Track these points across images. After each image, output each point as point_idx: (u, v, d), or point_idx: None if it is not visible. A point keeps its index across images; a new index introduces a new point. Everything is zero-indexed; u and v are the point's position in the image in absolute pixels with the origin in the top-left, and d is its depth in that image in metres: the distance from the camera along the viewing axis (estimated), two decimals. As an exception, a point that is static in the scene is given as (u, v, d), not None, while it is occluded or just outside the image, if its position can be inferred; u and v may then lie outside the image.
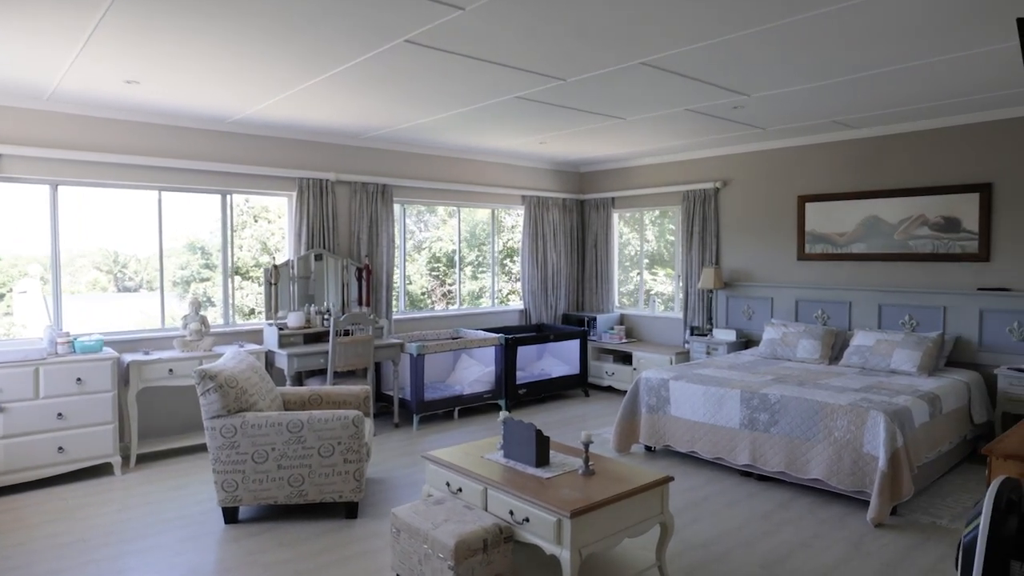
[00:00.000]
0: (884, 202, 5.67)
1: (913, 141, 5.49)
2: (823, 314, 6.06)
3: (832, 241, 6.04)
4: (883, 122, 5.45)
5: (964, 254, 5.23)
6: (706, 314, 6.94)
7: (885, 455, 3.90)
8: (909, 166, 5.53)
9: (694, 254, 7.06)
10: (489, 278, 7.80)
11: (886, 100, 4.68)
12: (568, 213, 8.19)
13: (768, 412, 4.50)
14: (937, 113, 5.10)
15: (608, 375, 7.45)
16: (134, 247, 5.76)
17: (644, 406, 5.24)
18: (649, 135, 6.09)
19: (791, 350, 5.75)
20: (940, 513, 4.03)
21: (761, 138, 6.20)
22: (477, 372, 6.67)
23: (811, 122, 5.47)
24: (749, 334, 6.62)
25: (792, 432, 4.37)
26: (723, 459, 4.75)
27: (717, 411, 4.78)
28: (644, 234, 7.89)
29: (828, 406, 4.24)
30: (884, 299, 5.65)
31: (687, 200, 7.10)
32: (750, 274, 6.68)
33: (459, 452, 3.60)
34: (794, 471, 4.35)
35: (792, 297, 6.28)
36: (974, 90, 4.38)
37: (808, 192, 6.19)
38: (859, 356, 5.34)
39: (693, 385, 4.95)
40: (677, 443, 5.00)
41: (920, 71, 3.98)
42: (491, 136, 6.18)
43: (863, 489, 4.04)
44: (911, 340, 5.13)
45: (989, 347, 5.09)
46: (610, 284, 8.05)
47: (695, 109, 5.04)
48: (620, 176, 7.89)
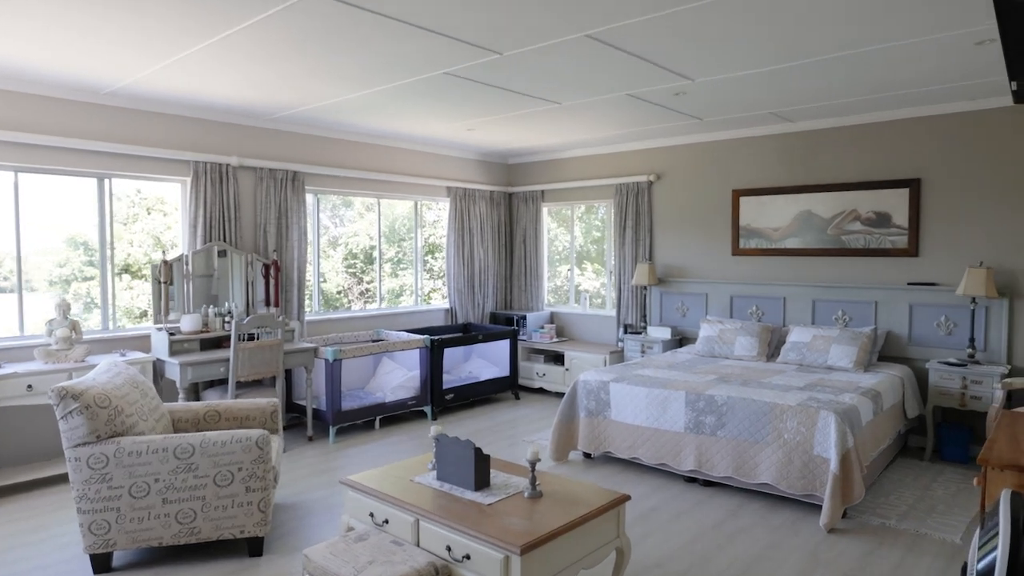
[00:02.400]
0: (818, 197, 5.60)
1: (846, 135, 5.44)
2: (758, 310, 5.94)
3: (766, 236, 5.93)
4: (818, 116, 5.37)
5: (895, 249, 5.22)
6: (640, 311, 6.72)
7: (836, 457, 3.72)
8: (842, 161, 5.48)
9: (627, 249, 6.82)
10: (411, 275, 7.28)
11: (825, 91, 4.55)
12: (496, 207, 7.79)
13: (715, 414, 4.27)
14: (870, 108, 5.04)
15: (539, 376, 7.11)
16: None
17: (583, 410, 4.92)
18: (585, 123, 5.77)
19: (729, 347, 5.59)
20: (887, 513, 3.90)
21: (697, 130, 6.02)
22: (400, 377, 6.16)
23: (748, 113, 5.31)
24: (684, 331, 6.44)
25: (740, 435, 4.15)
26: (667, 465, 4.48)
27: (661, 414, 4.51)
28: (574, 229, 7.60)
29: (777, 407, 4.04)
30: (818, 294, 5.58)
31: (620, 194, 6.85)
32: (684, 270, 6.51)
33: (384, 475, 3.12)
34: (742, 476, 4.13)
35: (727, 293, 6.14)
36: (914, 83, 4.31)
37: (743, 186, 6.06)
38: (796, 352, 5.23)
39: (635, 387, 4.67)
40: (618, 449, 4.70)
41: (867, 58, 3.83)
42: (415, 120, 5.68)
43: (813, 492, 3.86)
44: (846, 335, 5.06)
45: (918, 341, 5.09)
46: (540, 281, 7.71)
47: (636, 95, 4.75)
48: (550, 168, 7.57)
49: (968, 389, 4.60)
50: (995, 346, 4.74)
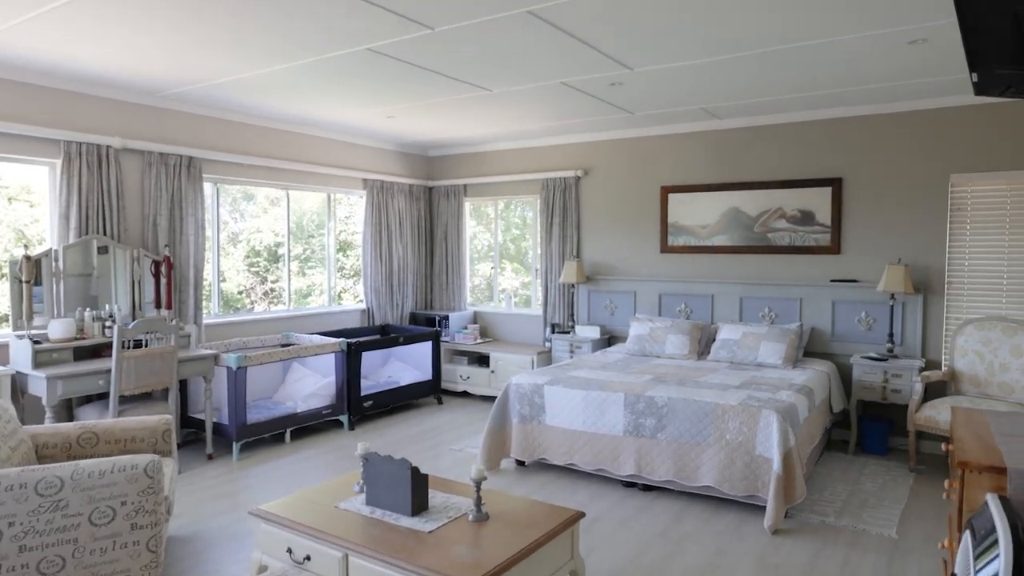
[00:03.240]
0: (745, 195, 5.60)
1: (772, 134, 5.47)
2: (686, 308, 5.89)
3: (695, 233, 5.89)
4: (746, 113, 5.36)
5: (818, 247, 5.28)
6: (568, 310, 6.53)
7: (779, 457, 3.64)
8: (768, 159, 5.50)
9: (554, 247, 6.62)
10: (321, 274, 6.75)
11: (756, 87, 4.50)
12: (416, 201, 7.38)
13: (655, 416, 4.10)
14: (795, 107, 5.07)
15: (463, 379, 6.78)
16: None
17: (516, 415, 4.64)
18: (514, 114, 5.49)
19: (660, 346, 5.48)
20: (825, 510, 3.87)
21: (627, 125, 5.89)
22: (313, 384, 5.65)
23: (680, 108, 5.22)
24: (612, 330, 6.31)
25: (681, 437, 4.01)
26: (605, 470, 4.28)
27: (599, 418, 4.31)
28: (499, 225, 7.32)
29: (719, 407, 3.92)
30: (745, 292, 5.58)
31: (546, 189, 6.64)
32: (612, 268, 6.38)
33: (302, 501, 2.70)
34: (683, 479, 3.98)
35: (655, 291, 6.05)
36: (846, 82, 4.32)
37: (672, 183, 5.99)
38: (727, 350, 5.19)
39: (571, 390, 4.44)
40: (554, 455, 4.46)
41: (801, 54, 3.77)
42: (331, 104, 5.20)
43: (755, 493, 3.77)
44: (775, 333, 5.06)
45: (840, 337, 5.17)
46: (462, 280, 7.38)
47: (571, 84, 4.52)
48: (474, 162, 7.25)
49: (889, 383, 4.69)
50: (911, 340, 4.88)
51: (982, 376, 4.46)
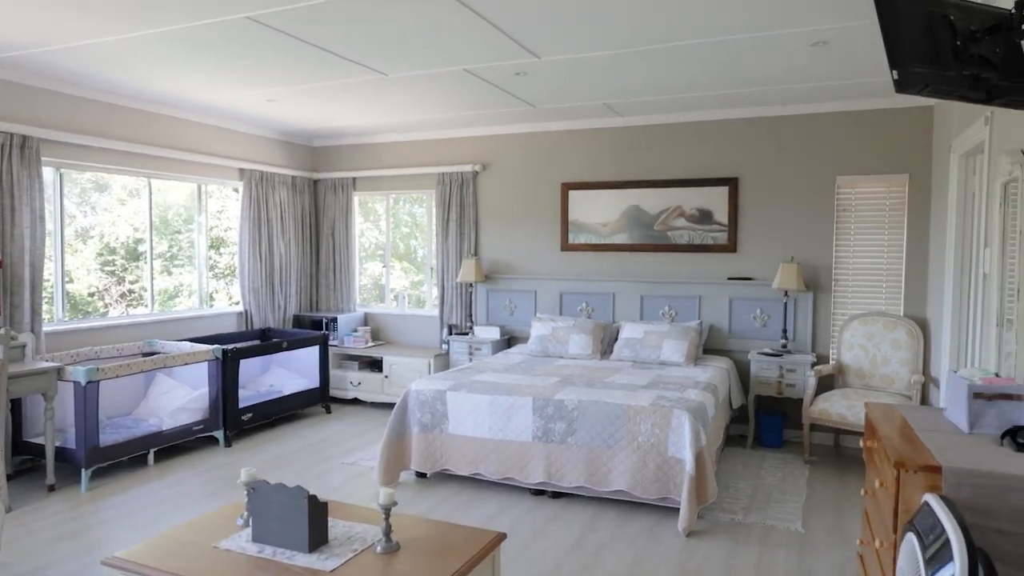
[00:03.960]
0: (645, 192, 5.60)
1: (672, 132, 5.50)
2: (588, 307, 5.81)
3: (596, 231, 5.82)
4: (647, 111, 5.35)
5: (716, 245, 5.37)
6: (466, 310, 6.27)
7: (692, 457, 3.58)
8: (669, 157, 5.53)
9: (451, 244, 6.33)
10: (191, 273, 6.05)
11: (660, 84, 4.46)
12: (299, 194, 6.82)
13: (565, 421, 3.93)
14: (694, 106, 5.12)
15: (353, 386, 6.32)
16: None
17: (416, 424, 4.31)
18: (410, 102, 5.14)
19: (563, 346, 5.35)
20: (732, 508, 3.87)
21: (529, 118, 5.71)
22: (182, 397, 5.01)
23: (583, 103, 5.11)
24: (513, 331, 6.12)
25: (593, 441, 3.86)
26: (513, 479, 4.06)
27: (506, 424, 4.08)
28: (391, 221, 6.92)
29: (630, 408, 3.82)
30: (646, 290, 5.58)
31: (443, 184, 6.33)
32: (512, 266, 6.19)
33: (172, 542, 2.25)
34: (595, 484, 3.84)
35: (556, 290, 5.93)
36: (748, 82, 4.37)
37: (572, 180, 5.89)
38: (630, 349, 5.15)
39: (476, 395, 4.18)
40: (458, 465, 4.18)
41: (709, 50, 3.74)
42: (203, 81, 4.61)
43: (668, 495, 3.69)
44: (677, 331, 5.08)
45: (737, 334, 5.28)
46: (352, 279, 6.90)
47: (474, 71, 4.26)
48: (364, 153, 6.80)
49: (784, 378, 4.83)
50: (803, 336, 5.06)
51: (866, 369, 4.69)
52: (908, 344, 4.55)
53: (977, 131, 3.32)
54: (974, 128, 3.40)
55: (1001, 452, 2.06)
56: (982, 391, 2.23)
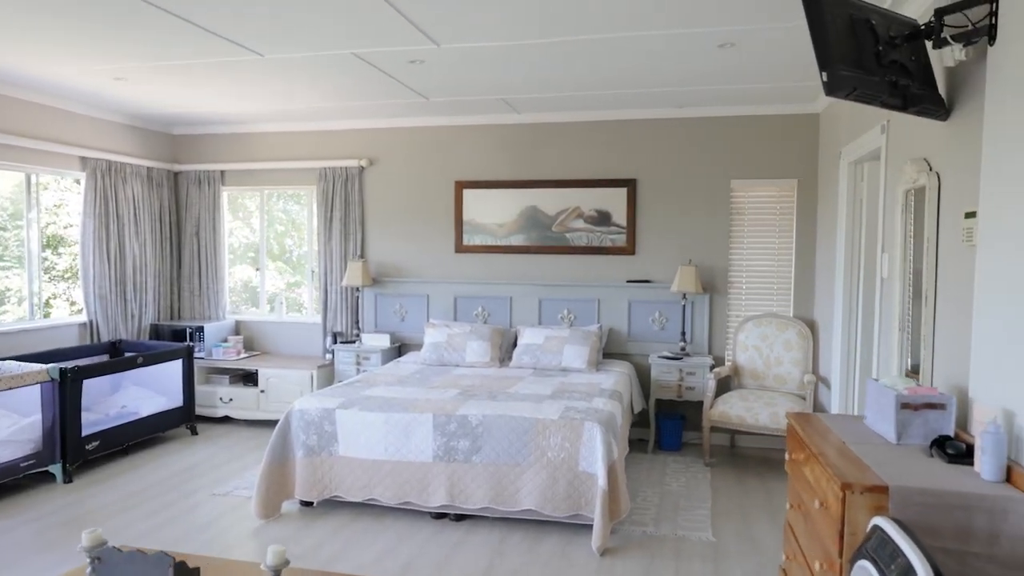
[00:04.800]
0: (543, 192, 5.42)
1: (570, 131, 5.36)
2: (484, 311, 5.55)
3: (491, 232, 5.57)
4: (546, 109, 5.17)
5: (614, 247, 5.30)
6: (352, 316, 5.80)
7: (604, 471, 3.42)
8: (567, 157, 5.38)
9: (334, 245, 5.83)
10: (22, 277, 5.13)
11: (563, 80, 4.28)
12: (157, 188, 6.01)
13: (469, 438, 3.64)
14: (593, 105, 5.01)
15: (224, 402, 5.66)
16: None
17: (300, 448, 3.85)
18: (290, 88, 4.62)
19: (459, 354, 5.05)
20: (642, 519, 3.76)
21: (421, 112, 5.35)
22: (5, 429, 4.18)
23: (480, 97, 4.83)
24: (404, 337, 5.73)
25: (499, 458, 3.60)
26: (412, 503, 3.72)
27: (404, 443, 3.72)
28: (265, 219, 6.28)
29: (539, 422, 3.59)
30: (544, 293, 5.41)
31: (325, 180, 5.82)
32: (402, 269, 5.80)
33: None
34: (502, 504, 3.58)
35: (450, 294, 5.61)
36: (652, 82, 4.29)
37: (467, 178, 5.60)
38: (530, 355, 4.95)
39: (370, 413, 3.79)
40: (349, 491, 3.77)
41: (614, 46, 3.59)
42: (33, 51, 3.84)
43: (579, 512, 3.51)
44: (577, 335, 4.94)
45: (636, 337, 5.24)
46: (220, 284, 6.19)
47: (365, 56, 3.86)
48: (235, 144, 6.11)
49: (684, 381, 4.83)
50: (700, 338, 5.09)
51: (760, 369, 4.79)
52: (799, 345, 4.69)
53: (872, 139, 3.41)
54: (868, 136, 3.49)
55: (934, 464, 2.02)
56: (909, 401, 2.20)
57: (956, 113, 2.41)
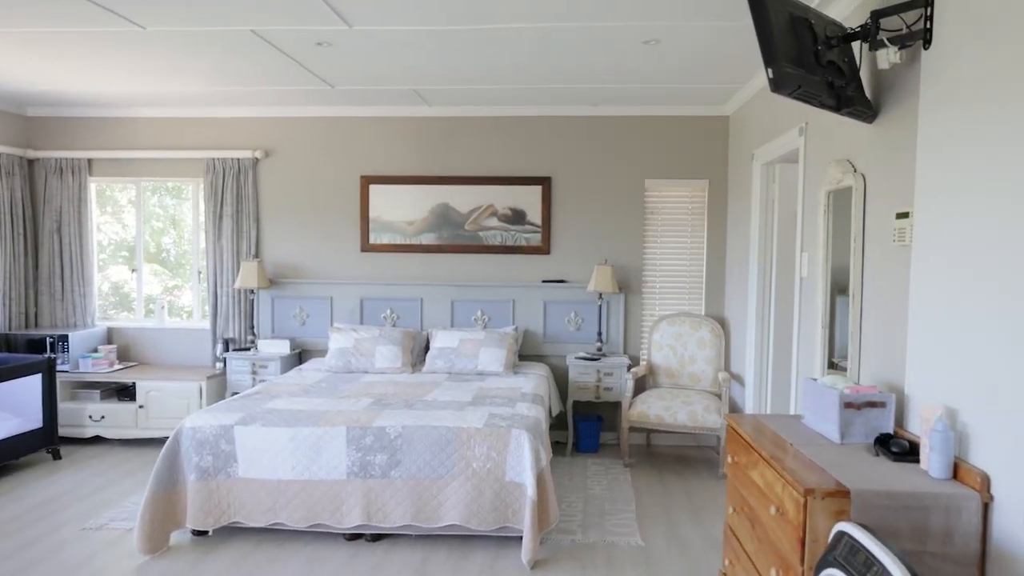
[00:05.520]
0: (455, 189, 5.21)
1: (483, 127, 5.18)
2: (392, 314, 5.26)
3: (401, 230, 5.28)
4: (458, 102, 4.96)
5: (529, 246, 5.18)
6: (246, 321, 5.31)
7: (533, 480, 3.27)
8: (480, 153, 5.20)
9: (225, 244, 5.31)
10: None
11: (479, 72, 4.10)
12: (8, 177, 5.22)
13: (387, 451, 3.38)
14: (508, 100, 4.85)
15: (94, 420, 5.00)
16: None
17: (193, 471, 3.42)
18: (173, 67, 4.11)
19: (368, 360, 4.74)
20: (569, 526, 3.66)
21: (324, 100, 4.96)
22: None
23: (389, 87, 4.55)
24: (305, 343, 5.32)
25: (420, 472, 3.37)
26: (324, 524, 3.40)
27: (314, 460, 3.40)
28: (142, 215, 5.63)
29: (463, 432, 3.39)
30: (457, 294, 5.19)
31: (214, 172, 5.29)
32: (303, 269, 5.38)
33: None
34: (424, 521, 3.35)
35: (356, 295, 5.27)
36: (573, 78, 4.18)
37: (374, 173, 5.28)
38: (444, 359, 4.72)
39: (275, 429, 3.43)
40: (251, 516, 3.40)
41: (540, 38, 3.46)
42: None
43: (506, 524, 3.34)
44: (493, 338, 4.78)
45: (552, 338, 5.15)
46: (87, 286, 5.47)
47: (265, 34, 3.48)
48: (105, 128, 5.43)
49: (602, 381, 4.79)
50: (615, 338, 5.08)
51: (675, 368, 4.84)
52: (712, 343, 4.78)
53: (790, 140, 3.48)
54: (785, 138, 3.56)
55: (882, 464, 2.03)
56: (852, 400, 2.20)
57: (883, 115, 2.46)
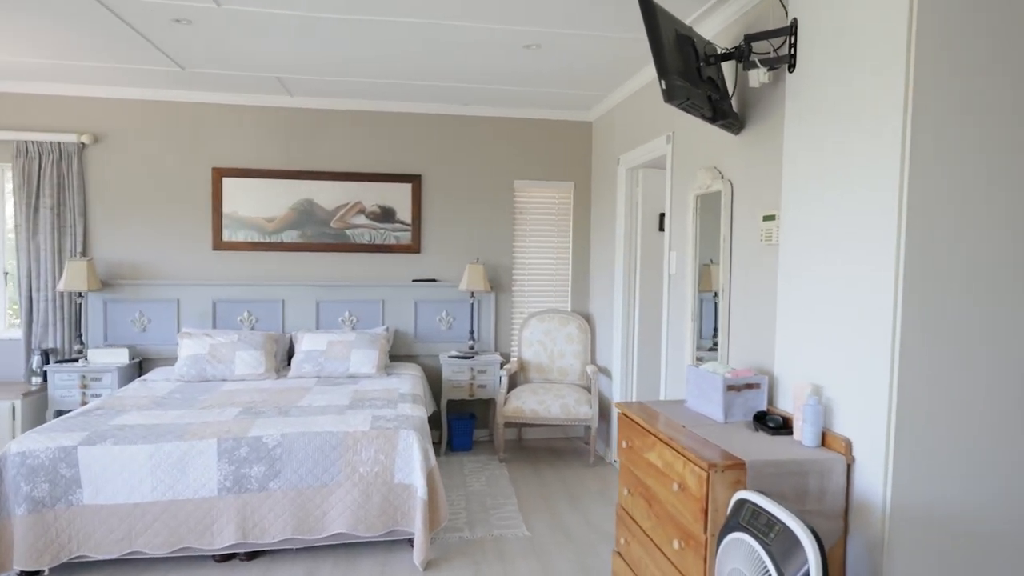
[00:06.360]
0: (320, 185, 4.97)
1: (350, 121, 5.00)
2: (251, 316, 4.90)
3: (260, 227, 4.94)
4: (324, 93, 4.74)
5: (399, 245, 5.09)
6: (72, 329, 4.67)
7: (423, 480, 3.23)
8: (347, 148, 5.01)
9: (42, 240, 4.63)
10: None
11: (352, 63, 3.96)
12: None
13: (265, 462, 3.16)
14: (377, 95, 4.73)
15: None
16: None
17: (22, 503, 2.96)
18: (-21, 28, 3.51)
19: (227, 366, 4.38)
20: (456, 524, 3.67)
21: (171, 82, 4.49)
22: None
23: (249, 74, 4.24)
24: (146, 352, 4.79)
25: (302, 481, 3.19)
26: (191, 548, 3.10)
27: (179, 479, 3.09)
28: (-71, 205, 4.73)
29: (349, 436, 3.27)
30: (323, 295, 4.97)
31: (26, 157, 4.58)
32: (142, 269, 4.84)
33: None
34: (306, 532, 3.18)
35: (208, 297, 4.85)
36: (453, 77, 4.17)
37: (228, 165, 4.88)
38: (312, 363, 4.50)
39: (130, 446, 3.07)
40: (100, 547, 3.01)
41: (423, 34, 3.43)
42: None
43: (396, 528, 3.27)
44: (365, 339, 4.64)
45: (423, 338, 5.11)
46: None
47: (113, 5, 3.08)
48: None
49: (476, 379, 4.83)
50: (486, 336, 5.15)
51: (545, 363, 5.01)
52: (579, 338, 5.02)
53: (657, 147, 3.77)
54: (652, 144, 3.85)
55: (762, 437, 2.27)
56: (733, 383, 2.44)
57: (750, 128, 2.76)
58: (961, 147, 1.90)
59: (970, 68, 1.89)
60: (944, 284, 1.92)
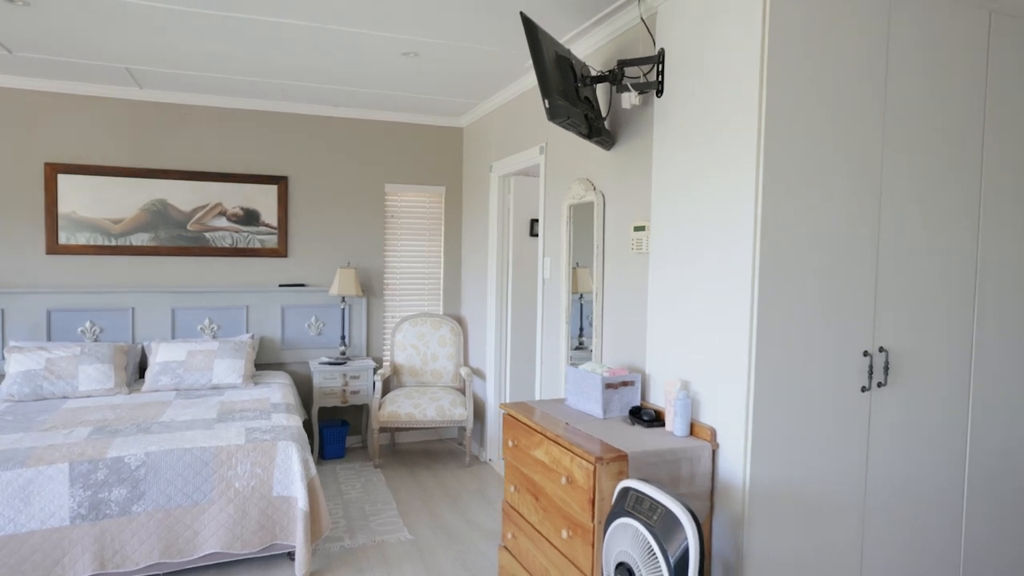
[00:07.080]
0: (175, 185, 4.63)
1: (210, 118, 4.69)
2: (94, 327, 4.46)
3: (104, 229, 4.50)
4: (178, 87, 4.42)
5: (265, 249, 4.87)
6: None
7: (304, 491, 3.17)
8: (205, 146, 4.70)
9: None
10: None
11: (215, 59, 3.75)
12: None
13: (127, 484, 2.94)
14: (239, 92, 4.50)
15: None
16: None
17: None
18: None
19: (68, 382, 3.97)
20: (336, 534, 3.62)
21: (-11, 62, 3.97)
22: None
23: (92, 62, 3.85)
24: (-37, 369, 4.20)
25: (171, 502, 3.00)
26: (38, 588, 2.80)
27: (22, 510, 2.79)
28: None
29: (223, 450, 3.11)
30: (178, 301, 4.64)
31: None
32: (-43, 275, 4.23)
33: None
34: (176, 555, 3.00)
35: (42, 306, 4.34)
36: (331, 79, 4.06)
37: (64, 160, 4.39)
38: (171, 375, 4.19)
39: (-40, 479, 2.71)
40: (-78, 598, 2.64)
41: (300, 34, 3.35)
42: None
43: (274, 542, 3.18)
44: (229, 348, 4.40)
45: (291, 344, 4.94)
46: None
47: (-70, -34, 2.70)
48: None
49: (348, 385, 4.75)
50: (358, 341, 5.08)
51: (419, 366, 5.04)
52: (452, 340, 5.10)
53: (530, 157, 3.95)
54: (526, 154, 4.03)
55: (638, 430, 2.50)
56: (611, 382, 2.66)
57: (621, 145, 3.01)
58: (808, 160, 2.23)
59: (815, 94, 2.22)
60: (794, 288, 2.24)
